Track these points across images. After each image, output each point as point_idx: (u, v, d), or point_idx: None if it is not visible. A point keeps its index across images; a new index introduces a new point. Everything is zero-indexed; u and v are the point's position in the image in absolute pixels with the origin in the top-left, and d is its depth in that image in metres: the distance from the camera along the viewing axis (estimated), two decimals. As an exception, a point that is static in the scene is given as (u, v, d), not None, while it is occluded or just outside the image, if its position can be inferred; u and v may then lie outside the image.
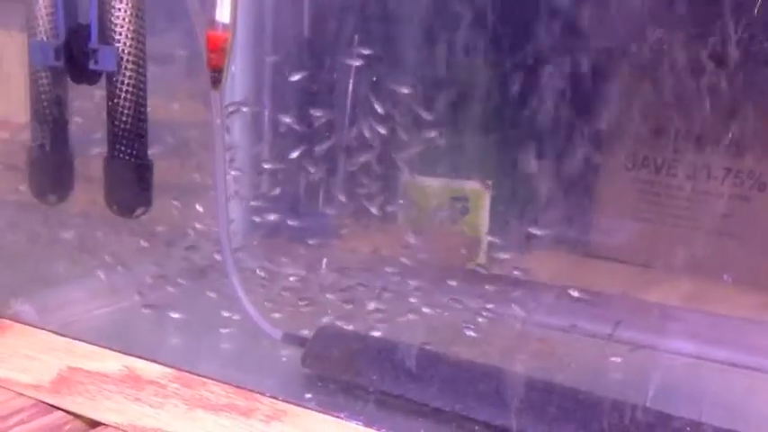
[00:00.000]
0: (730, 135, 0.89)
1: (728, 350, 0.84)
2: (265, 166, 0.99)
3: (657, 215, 0.97)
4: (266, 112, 1.03)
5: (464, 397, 0.69)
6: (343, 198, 0.94)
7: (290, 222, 0.96)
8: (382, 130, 0.91)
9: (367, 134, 0.91)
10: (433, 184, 1.00)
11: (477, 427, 0.68)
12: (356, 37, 0.91)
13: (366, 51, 0.90)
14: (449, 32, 0.89)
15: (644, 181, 0.98)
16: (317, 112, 0.93)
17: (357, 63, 0.91)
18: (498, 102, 0.91)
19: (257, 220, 0.98)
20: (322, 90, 0.94)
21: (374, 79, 0.91)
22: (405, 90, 0.90)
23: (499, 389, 0.68)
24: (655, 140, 0.95)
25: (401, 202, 0.97)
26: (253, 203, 0.99)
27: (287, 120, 0.94)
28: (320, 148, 0.93)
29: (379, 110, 0.91)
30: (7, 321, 0.76)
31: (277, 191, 0.97)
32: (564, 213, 0.91)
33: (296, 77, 0.93)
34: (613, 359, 0.81)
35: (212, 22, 0.60)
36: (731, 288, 0.84)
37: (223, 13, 0.60)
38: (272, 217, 0.97)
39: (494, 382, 0.69)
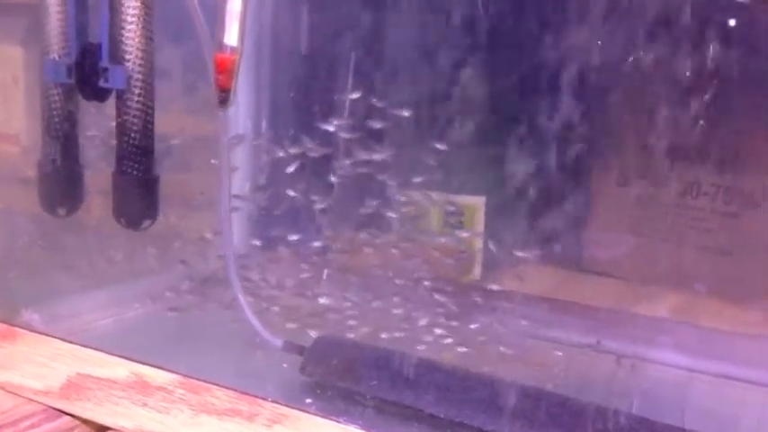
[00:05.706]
0: (721, 152, 0.92)
1: (717, 363, 0.86)
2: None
3: (649, 230, 0.99)
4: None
5: (458, 404, 0.71)
6: (338, 212, 0.96)
7: (286, 236, 0.98)
8: (378, 146, 0.94)
9: (363, 150, 0.94)
10: (428, 198, 1.02)
11: (470, 433, 0.70)
12: (353, 55, 0.94)
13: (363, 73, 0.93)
14: (442, 52, 0.92)
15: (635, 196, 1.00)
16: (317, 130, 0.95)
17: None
18: (492, 118, 0.94)
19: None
20: (321, 109, 0.97)
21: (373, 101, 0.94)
22: (403, 113, 0.93)
23: (492, 396, 0.71)
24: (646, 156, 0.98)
25: (396, 216, 0.99)
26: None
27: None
28: (317, 164, 0.95)
29: (375, 126, 0.93)
30: (18, 329, 0.79)
31: (274, 206, 1.00)
32: (557, 228, 0.94)
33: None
34: (602, 368, 0.84)
35: (221, 45, 0.63)
36: (721, 303, 0.87)
37: (231, 37, 0.63)
38: (269, 231, 0.99)
39: (487, 390, 0.72)
